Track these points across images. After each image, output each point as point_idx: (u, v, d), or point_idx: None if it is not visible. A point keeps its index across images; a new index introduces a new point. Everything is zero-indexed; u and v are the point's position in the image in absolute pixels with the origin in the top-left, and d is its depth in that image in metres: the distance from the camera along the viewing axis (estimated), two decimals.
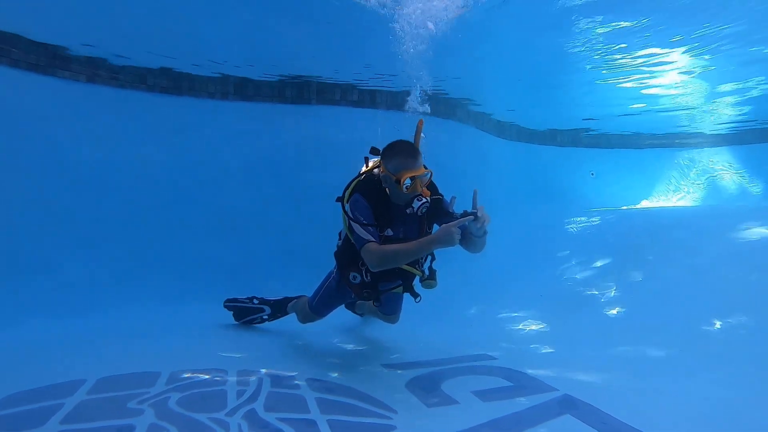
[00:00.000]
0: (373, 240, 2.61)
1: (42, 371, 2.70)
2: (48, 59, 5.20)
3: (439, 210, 2.81)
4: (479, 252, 2.72)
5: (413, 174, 2.61)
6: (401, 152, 2.68)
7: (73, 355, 3.07)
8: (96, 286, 4.53)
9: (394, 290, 3.11)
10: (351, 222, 2.70)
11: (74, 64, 5.39)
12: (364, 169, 3.04)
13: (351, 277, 2.97)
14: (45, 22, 4.94)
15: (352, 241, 2.78)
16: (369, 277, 2.92)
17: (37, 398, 2.31)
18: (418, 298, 3.01)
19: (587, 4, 5.16)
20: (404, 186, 2.62)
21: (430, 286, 2.85)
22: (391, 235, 2.77)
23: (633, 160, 11.16)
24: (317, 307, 3.38)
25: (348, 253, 2.93)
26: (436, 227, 2.87)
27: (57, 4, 4.66)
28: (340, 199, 2.91)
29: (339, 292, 3.24)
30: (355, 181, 2.91)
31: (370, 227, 2.64)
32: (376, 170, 2.87)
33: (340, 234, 3.21)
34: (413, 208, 2.59)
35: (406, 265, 2.77)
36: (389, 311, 3.52)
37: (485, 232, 2.55)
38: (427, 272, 2.89)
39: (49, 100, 5.18)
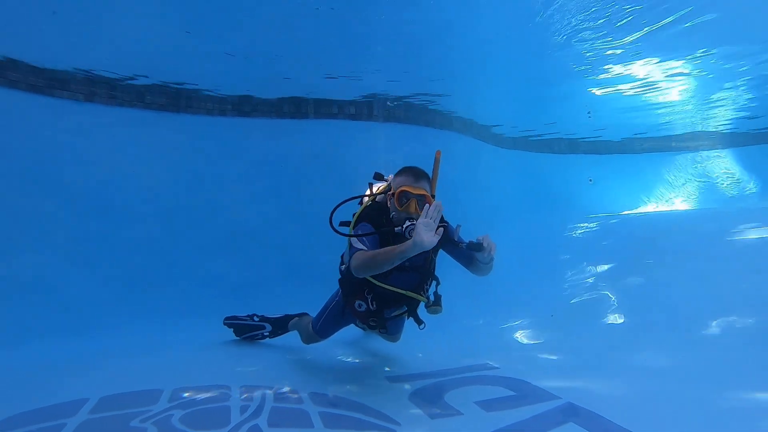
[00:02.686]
0: (364, 249, 2.60)
1: (44, 391, 2.69)
2: (46, 80, 5.25)
3: (444, 237, 2.79)
4: (486, 275, 2.75)
5: (408, 189, 2.63)
6: (407, 172, 2.73)
7: (76, 374, 3.06)
8: (97, 304, 4.52)
9: (400, 316, 3.11)
10: (351, 240, 2.68)
11: (72, 84, 5.44)
12: (368, 192, 3.04)
13: (357, 305, 2.94)
14: (43, 44, 5.00)
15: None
16: (375, 305, 2.90)
17: (39, 419, 2.30)
18: (422, 325, 2.97)
19: (581, 10, 5.23)
20: (398, 201, 2.63)
21: (436, 312, 2.84)
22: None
23: (630, 165, 11.21)
24: (321, 330, 3.36)
25: (353, 281, 2.90)
26: (442, 254, 2.88)
27: (55, 25, 4.72)
28: (343, 224, 2.89)
29: (344, 317, 3.22)
30: (361, 209, 2.89)
31: (366, 241, 2.63)
32: (379, 197, 2.89)
33: (342, 258, 3.21)
34: (401, 228, 2.57)
35: (411, 291, 2.79)
36: (391, 331, 3.50)
37: (492, 259, 2.56)
38: (432, 297, 2.88)
39: (48, 121, 5.23)
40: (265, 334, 3.83)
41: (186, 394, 2.66)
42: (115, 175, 5.55)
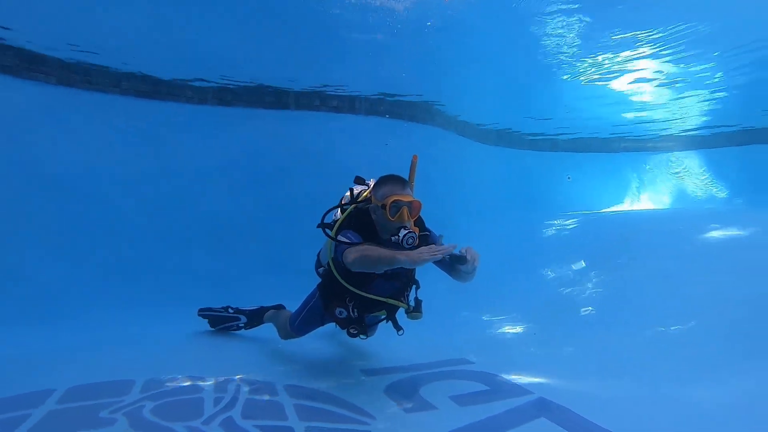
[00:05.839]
0: (356, 243, 2.57)
1: (8, 381, 2.62)
2: (21, 62, 5.08)
3: (426, 246, 2.78)
4: (468, 282, 2.74)
5: (399, 198, 2.58)
6: (389, 181, 2.68)
7: (43, 363, 2.98)
8: (69, 293, 4.42)
9: (380, 321, 3.10)
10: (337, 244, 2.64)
11: (47, 67, 5.27)
12: (347, 194, 2.99)
13: (337, 312, 2.90)
14: (19, 25, 4.83)
15: (336, 261, 2.74)
16: (356, 312, 2.87)
17: (1, 409, 2.24)
18: (401, 331, 2.96)
19: (563, 12, 5.28)
20: (390, 212, 2.58)
21: (416, 318, 2.83)
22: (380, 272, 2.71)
23: (608, 164, 11.42)
24: (298, 328, 3.32)
25: (333, 287, 2.87)
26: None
27: (33, 7, 4.57)
28: (321, 226, 2.84)
29: (323, 320, 3.19)
30: (343, 217, 2.84)
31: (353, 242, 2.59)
32: (360, 205, 2.84)
33: (319, 256, 3.16)
34: (398, 237, 2.53)
35: (392, 298, 2.79)
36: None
37: (475, 268, 2.57)
38: (412, 303, 2.87)
39: (22, 103, 5.07)
40: (240, 325, 3.80)
41: (159, 385, 2.62)
42: (90, 162, 5.42)
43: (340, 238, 2.65)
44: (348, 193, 3.00)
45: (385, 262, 2.38)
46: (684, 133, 11.11)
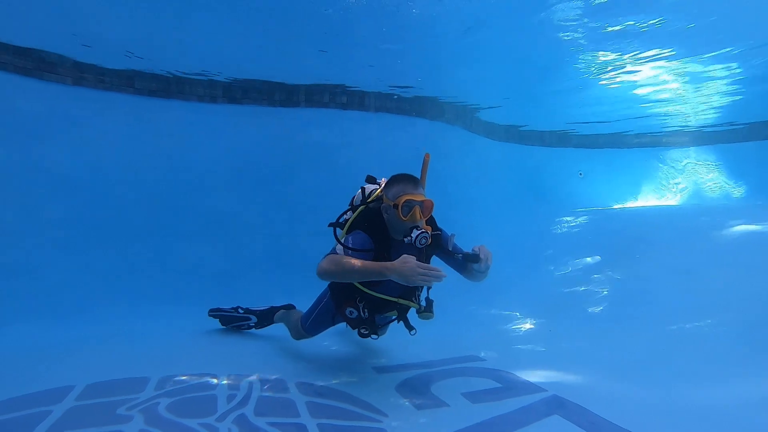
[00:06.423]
0: (340, 253, 2.59)
1: (29, 378, 2.67)
2: (34, 62, 5.15)
3: (437, 245, 2.76)
4: (481, 282, 2.74)
5: (411, 198, 2.57)
6: (401, 180, 2.67)
7: (61, 360, 3.04)
8: (83, 290, 4.48)
9: (390, 322, 3.10)
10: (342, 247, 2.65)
11: (60, 67, 5.34)
12: (359, 194, 2.99)
13: (348, 312, 2.89)
14: (31, 26, 4.89)
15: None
16: (366, 313, 2.85)
17: (24, 406, 2.29)
18: (413, 331, 2.95)
19: (576, 5, 5.22)
20: (402, 212, 2.57)
21: (428, 318, 2.80)
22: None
23: (620, 160, 11.28)
24: (310, 328, 3.32)
25: (344, 287, 2.86)
26: (435, 259, 2.85)
27: (43, 7, 4.61)
28: (333, 225, 2.85)
29: (334, 320, 3.19)
30: (354, 216, 2.83)
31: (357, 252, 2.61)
32: (372, 204, 2.83)
33: None
34: (411, 237, 2.52)
35: (402, 298, 2.77)
36: None
37: (488, 268, 2.56)
38: (423, 303, 2.85)
39: (35, 103, 5.14)
40: (251, 325, 3.83)
41: (173, 382, 2.66)
42: (102, 160, 5.48)
43: (345, 240, 2.66)
44: (359, 193, 3.00)
45: (370, 276, 2.41)
46: (701, 128, 10.92)
